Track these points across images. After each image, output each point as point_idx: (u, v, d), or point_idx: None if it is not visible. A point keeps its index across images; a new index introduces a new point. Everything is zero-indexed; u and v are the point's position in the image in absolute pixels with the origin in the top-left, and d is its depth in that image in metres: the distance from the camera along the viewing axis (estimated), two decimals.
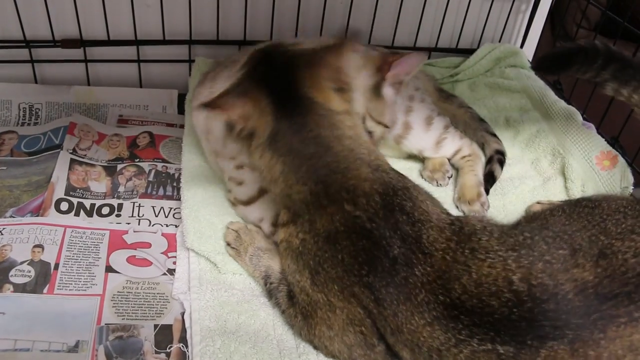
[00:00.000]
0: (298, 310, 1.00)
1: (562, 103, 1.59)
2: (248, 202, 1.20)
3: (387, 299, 0.89)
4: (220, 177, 1.28)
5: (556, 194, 1.40)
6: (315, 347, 1.00)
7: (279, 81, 1.01)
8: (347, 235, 0.92)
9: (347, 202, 0.93)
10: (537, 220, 1.03)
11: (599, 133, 1.49)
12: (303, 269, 0.97)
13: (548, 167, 1.48)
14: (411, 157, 1.48)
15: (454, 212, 1.32)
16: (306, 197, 0.96)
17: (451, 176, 1.43)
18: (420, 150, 1.43)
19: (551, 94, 1.65)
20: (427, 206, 0.97)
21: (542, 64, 1.28)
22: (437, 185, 1.41)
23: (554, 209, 1.07)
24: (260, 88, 1.00)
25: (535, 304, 0.83)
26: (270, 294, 1.07)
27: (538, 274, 0.85)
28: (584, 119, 1.55)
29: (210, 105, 0.98)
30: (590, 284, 0.85)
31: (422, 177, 1.44)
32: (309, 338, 1.00)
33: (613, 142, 1.47)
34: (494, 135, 1.51)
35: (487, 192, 1.37)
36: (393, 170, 1.01)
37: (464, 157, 1.43)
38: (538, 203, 1.35)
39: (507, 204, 1.36)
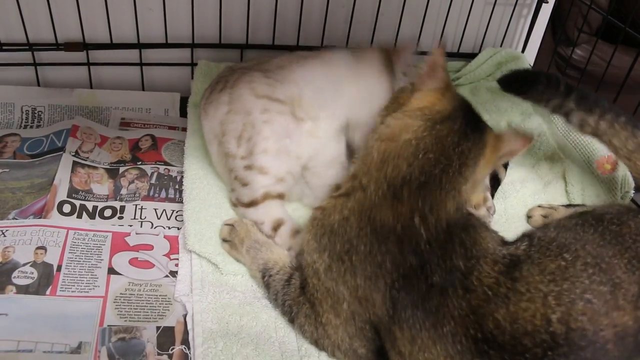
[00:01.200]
0: (307, 298, 0.99)
1: None
2: (249, 205, 1.21)
3: (411, 320, 0.86)
4: (225, 180, 1.29)
5: (557, 198, 1.40)
6: (316, 341, 1.00)
7: (472, 110, 1.04)
8: (399, 242, 0.90)
9: (420, 215, 0.91)
10: (569, 231, 0.97)
11: None
12: (323, 250, 0.96)
13: (548, 171, 1.48)
14: None
15: None
16: (397, 178, 0.93)
17: None
18: None
19: None
20: (488, 242, 0.94)
21: (507, 81, 1.28)
22: None
23: (584, 222, 1.00)
24: (458, 96, 1.04)
25: (572, 349, 0.79)
26: (267, 286, 1.08)
27: (578, 315, 0.81)
28: None
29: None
30: (631, 331, 0.82)
31: None
32: (315, 326, 0.98)
33: None
34: None
35: (492, 196, 1.37)
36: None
37: None
38: (539, 207, 1.35)
39: (508, 207, 1.37)
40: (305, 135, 1.23)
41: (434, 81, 1.03)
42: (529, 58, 1.89)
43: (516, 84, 1.30)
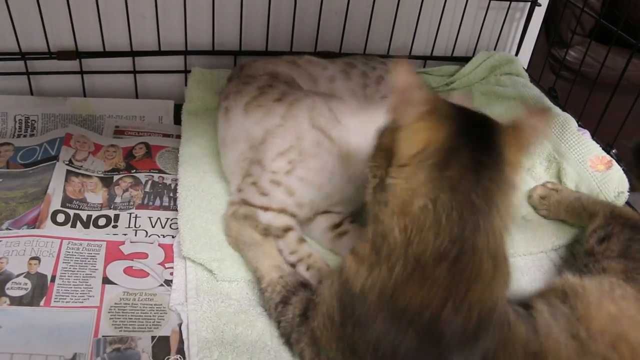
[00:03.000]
0: (311, 330, 0.91)
1: (557, 110, 1.60)
2: (260, 208, 1.18)
3: None
4: (231, 178, 1.28)
5: None
6: None
7: (472, 119, 0.84)
8: (419, 335, 0.76)
9: (454, 301, 0.75)
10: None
11: (594, 140, 1.49)
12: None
13: (543, 173, 1.49)
14: None
15: None
16: (425, 254, 0.75)
17: None
18: None
19: (546, 101, 1.65)
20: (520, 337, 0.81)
21: None
22: None
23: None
24: (449, 112, 0.83)
25: None
26: (261, 294, 1.07)
27: None
28: (579, 126, 1.55)
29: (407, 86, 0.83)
30: None
31: None
32: (317, 354, 0.90)
33: (608, 148, 1.47)
34: None
35: None
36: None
37: None
38: (543, 185, 1.38)
39: None
40: (343, 181, 1.17)
41: (413, 108, 0.81)
42: (522, 61, 1.90)
43: None
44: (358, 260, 0.82)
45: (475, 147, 0.79)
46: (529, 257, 1.26)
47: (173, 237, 1.23)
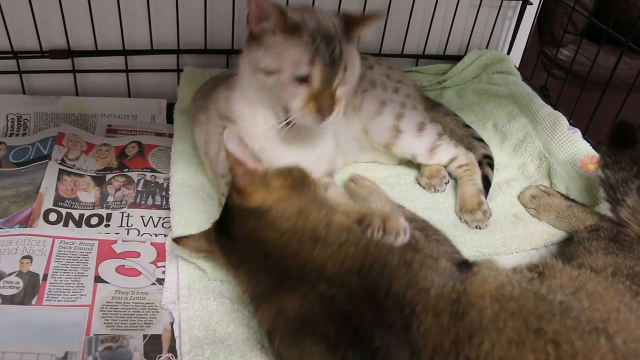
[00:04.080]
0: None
1: (549, 108, 1.60)
2: None
3: None
4: (216, 185, 1.29)
5: None
6: None
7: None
8: (327, 318, 0.83)
9: (321, 279, 0.85)
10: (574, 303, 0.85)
11: (585, 138, 1.50)
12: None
13: (535, 172, 1.49)
14: (403, 163, 1.49)
15: (457, 222, 1.33)
16: (266, 286, 0.92)
17: (448, 182, 1.43)
18: (413, 155, 1.43)
19: (538, 100, 1.66)
20: (427, 280, 0.84)
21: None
22: (435, 192, 1.41)
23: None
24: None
25: None
26: None
27: None
28: (570, 124, 1.56)
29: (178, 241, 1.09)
30: None
31: (419, 184, 1.44)
32: None
33: (599, 147, 1.48)
34: (481, 140, 1.52)
35: (485, 197, 1.38)
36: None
37: (461, 166, 1.43)
38: (536, 186, 1.38)
39: (494, 208, 1.37)
40: None
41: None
42: (514, 59, 1.91)
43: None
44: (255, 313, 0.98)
45: (225, 232, 1.00)
46: (521, 254, 1.27)
47: (165, 236, 1.23)
